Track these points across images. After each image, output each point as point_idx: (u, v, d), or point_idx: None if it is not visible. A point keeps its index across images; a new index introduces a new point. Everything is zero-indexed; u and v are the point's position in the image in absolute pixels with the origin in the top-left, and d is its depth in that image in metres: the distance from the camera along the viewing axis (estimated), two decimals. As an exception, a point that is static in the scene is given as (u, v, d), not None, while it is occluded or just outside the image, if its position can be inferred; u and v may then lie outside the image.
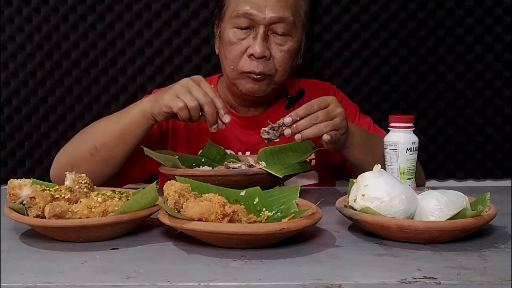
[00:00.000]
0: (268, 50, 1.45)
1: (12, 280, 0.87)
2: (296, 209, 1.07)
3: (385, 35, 1.89)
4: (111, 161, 1.41)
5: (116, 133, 1.39)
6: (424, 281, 0.86)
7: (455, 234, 1.02)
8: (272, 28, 1.45)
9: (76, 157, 1.42)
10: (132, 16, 1.84)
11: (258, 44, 1.44)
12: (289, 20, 1.45)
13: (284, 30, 1.46)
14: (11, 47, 1.83)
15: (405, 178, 1.30)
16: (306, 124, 1.29)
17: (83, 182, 1.15)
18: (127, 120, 1.39)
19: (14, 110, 1.86)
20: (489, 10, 1.89)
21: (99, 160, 1.40)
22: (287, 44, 1.47)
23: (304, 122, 1.29)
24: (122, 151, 1.41)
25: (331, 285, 0.85)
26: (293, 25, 1.47)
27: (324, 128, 1.29)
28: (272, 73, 1.48)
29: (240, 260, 0.94)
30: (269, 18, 1.44)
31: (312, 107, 1.30)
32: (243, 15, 1.45)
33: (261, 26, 1.44)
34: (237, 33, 1.47)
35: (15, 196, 1.07)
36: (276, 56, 1.47)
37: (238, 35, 1.47)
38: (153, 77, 1.87)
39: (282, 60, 1.47)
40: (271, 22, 1.44)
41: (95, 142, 1.40)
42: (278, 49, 1.46)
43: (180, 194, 1.03)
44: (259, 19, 1.44)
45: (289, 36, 1.47)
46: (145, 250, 1.01)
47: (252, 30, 1.46)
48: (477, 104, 1.93)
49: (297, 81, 1.67)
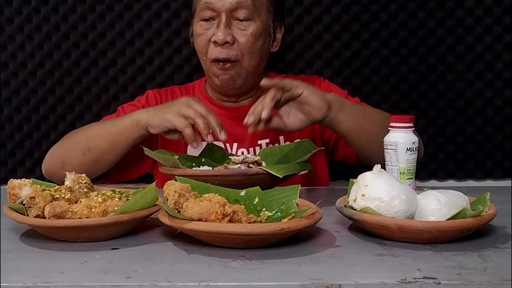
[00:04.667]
0: (231, 36, 1.50)
1: (12, 280, 0.87)
2: (296, 209, 1.07)
3: (385, 35, 1.89)
4: (100, 164, 1.50)
5: (109, 138, 1.47)
6: (424, 281, 0.86)
7: (455, 234, 1.02)
8: (234, 15, 1.50)
9: (69, 155, 1.51)
10: (132, 16, 1.84)
11: (220, 30, 1.49)
12: (247, 4, 1.50)
13: (245, 15, 1.50)
14: (11, 47, 1.83)
15: (405, 178, 1.30)
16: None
17: (83, 182, 1.15)
18: (120, 127, 1.47)
19: (14, 110, 1.86)
20: (489, 10, 1.88)
21: (90, 161, 1.48)
22: (250, 28, 1.51)
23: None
24: (112, 155, 1.49)
25: (331, 285, 0.85)
26: (254, 9, 1.51)
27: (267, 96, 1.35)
28: (238, 59, 1.51)
29: (240, 260, 0.94)
30: (228, 4, 1.49)
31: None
32: (204, 6, 1.51)
33: (223, 14, 1.49)
34: (203, 24, 1.53)
35: (15, 196, 1.07)
36: (240, 40, 1.51)
37: (203, 26, 1.53)
38: (153, 77, 1.87)
39: (246, 44, 1.51)
40: (231, 9, 1.49)
41: (88, 143, 1.49)
42: (242, 33, 1.51)
43: (180, 194, 1.03)
44: (219, 7, 1.49)
45: (251, 20, 1.51)
46: (145, 250, 1.01)
47: (215, 20, 1.51)
48: (477, 104, 1.93)
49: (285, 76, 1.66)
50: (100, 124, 1.56)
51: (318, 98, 1.38)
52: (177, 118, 1.38)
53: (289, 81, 1.38)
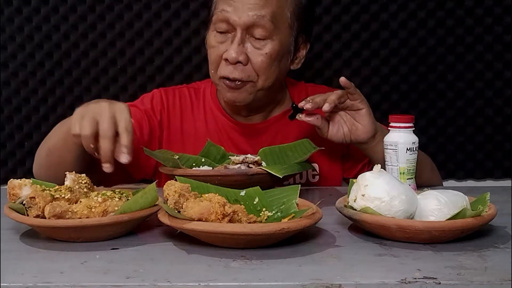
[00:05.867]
0: (245, 55, 1.40)
1: (12, 280, 0.87)
2: (296, 209, 1.07)
3: (385, 35, 1.89)
4: (62, 166, 1.31)
5: (62, 136, 1.34)
6: (424, 281, 0.86)
7: (455, 234, 1.02)
8: (250, 31, 1.41)
9: (39, 158, 1.43)
10: (132, 16, 1.84)
11: (233, 48, 1.40)
12: (265, 22, 1.39)
13: (262, 33, 1.40)
14: (11, 47, 1.83)
15: (405, 178, 1.30)
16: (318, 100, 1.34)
17: (83, 182, 1.15)
18: (68, 124, 1.28)
19: (14, 110, 1.86)
20: (489, 10, 1.89)
21: (52, 162, 1.37)
22: (267, 47, 1.41)
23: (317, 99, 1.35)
24: (68, 155, 1.33)
25: (331, 285, 0.85)
26: (272, 27, 1.40)
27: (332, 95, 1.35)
28: (253, 79, 1.42)
29: (240, 260, 0.94)
30: (245, 18, 1.39)
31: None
32: (221, 16, 1.41)
33: (238, 30, 1.40)
34: (217, 36, 1.44)
35: (15, 196, 1.07)
36: (254, 60, 1.41)
37: (217, 39, 1.44)
38: (153, 77, 1.87)
39: (261, 65, 1.41)
40: (247, 24, 1.40)
41: (49, 143, 1.39)
42: (257, 53, 1.41)
43: (180, 194, 1.03)
44: (234, 20, 1.40)
45: (269, 39, 1.41)
46: (145, 250, 1.01)
47: (231, 33, 1.42)
48: (477, 104, 1.93)
49: (304, 87, 1.63)
50: (60, 123, 1.41)
51: (371, 121, 1.40)
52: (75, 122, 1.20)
53: (359, 92, 1.39)
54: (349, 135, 1.41)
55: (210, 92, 1.59)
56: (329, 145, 1.49)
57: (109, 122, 1.18)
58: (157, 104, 1.56)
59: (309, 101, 1.34)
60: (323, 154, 1.54)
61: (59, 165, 1.32)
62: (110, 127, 1.18)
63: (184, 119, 1.57)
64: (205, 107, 1.58)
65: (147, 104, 1.56)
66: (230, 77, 1.42)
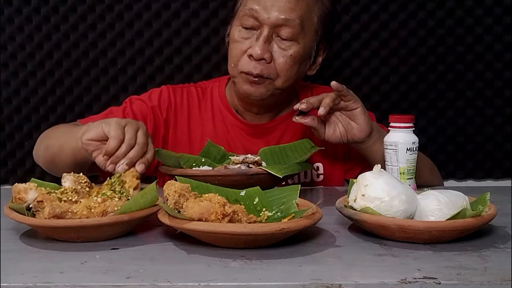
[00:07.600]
0: (270, 53, 1.42)
1: (12, 280, 0.87)
2: (296, 209, 1.07)
3: (385, 35, 1.89)
4: (56, 165, 1.40)
5: (61, 142, 1.38)
6: (424, 281, 0.86)
7: (455, 234, 1.02)
8: (277, 31, 1.42)
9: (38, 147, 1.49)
10: (132, 16, 1.84)
11: (259, 45, 1.41)
12: (295, 23, 1.41)
13: (289, 34, 1.42)
14: (11, 47, 1.83)
15: (405, 178, 1.30)
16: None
17: (83, 182, 1.15)
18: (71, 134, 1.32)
19: (14, 110, 1.86)
20: (489, 10, 1.89)
21: (47, 159, 1.44)
22: (292, 49, 1.43)
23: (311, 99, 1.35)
24: (60, 161, 1.38)
25: (331, 285, 0.85)
26: (300, 30, 1.42)
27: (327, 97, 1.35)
28: (272, 77, 1.44)
29: (240, 260, 0.94)
30: (274, 18, 1.40)
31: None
32: (249, 13, 1.42)
33: (265, 28, 1.41)
34: (242, 32, 1.45)
35: (21, 200, 1.06)
36: (278, 60, 1.43)
37: (242, 34, 1.45)
38: (153, 77, 1.87)
39: (283, 66, 1.43)
40: (275, 24, 1.41)
41: (48, 141, 1.44)
42: (281, 53, 1.43)
43: (180, 194, 1.03)
44: (263, 18, 1.41)
45: (295, 41, 1.43)
46: (145, 250, 1.01)
47: (257, 31, 1.43)
48: (477, 104, 1.93)
49: (309, 88, 1.64)
50: (63, 127, 1.49)
51: (367, 120, 1.39)
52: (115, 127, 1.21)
53: (352, 92, 1.38)
54: (346, 135, 1.41)
55: (218, 91, 1.60)
56: (331, 145, 1.49)
57: (144, 132, 1.23)
58: (164, 102, 1.56)
59: (303, 102, 1.35)
60: (326, 154, 1.55)
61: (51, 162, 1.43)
62: (144, 136, 1.22)
63: (191, 119, 1.58)
64: (213, 107, 1.59)
65: (155, 100, 1.56)
66: (253, 72, 1.43)
